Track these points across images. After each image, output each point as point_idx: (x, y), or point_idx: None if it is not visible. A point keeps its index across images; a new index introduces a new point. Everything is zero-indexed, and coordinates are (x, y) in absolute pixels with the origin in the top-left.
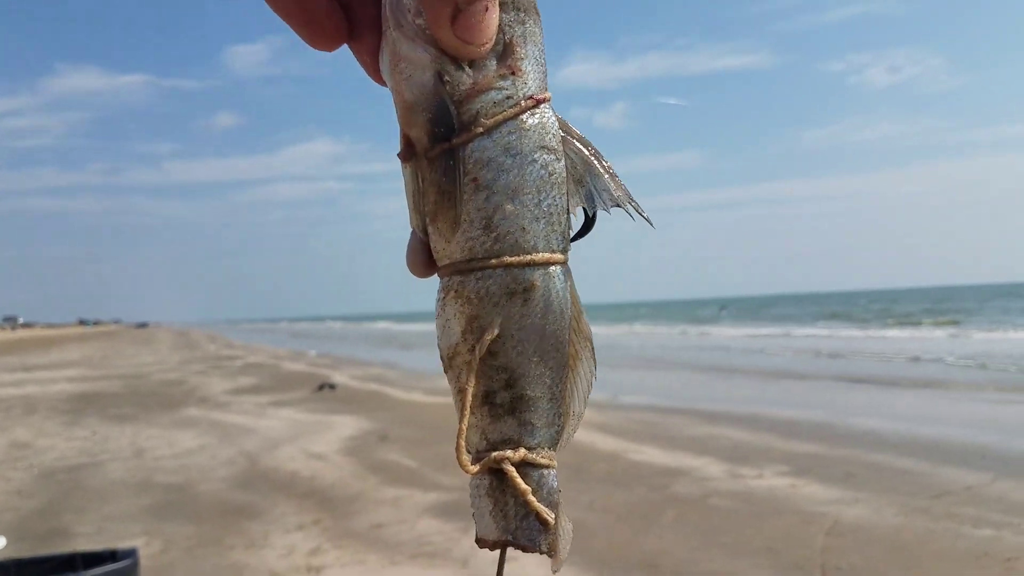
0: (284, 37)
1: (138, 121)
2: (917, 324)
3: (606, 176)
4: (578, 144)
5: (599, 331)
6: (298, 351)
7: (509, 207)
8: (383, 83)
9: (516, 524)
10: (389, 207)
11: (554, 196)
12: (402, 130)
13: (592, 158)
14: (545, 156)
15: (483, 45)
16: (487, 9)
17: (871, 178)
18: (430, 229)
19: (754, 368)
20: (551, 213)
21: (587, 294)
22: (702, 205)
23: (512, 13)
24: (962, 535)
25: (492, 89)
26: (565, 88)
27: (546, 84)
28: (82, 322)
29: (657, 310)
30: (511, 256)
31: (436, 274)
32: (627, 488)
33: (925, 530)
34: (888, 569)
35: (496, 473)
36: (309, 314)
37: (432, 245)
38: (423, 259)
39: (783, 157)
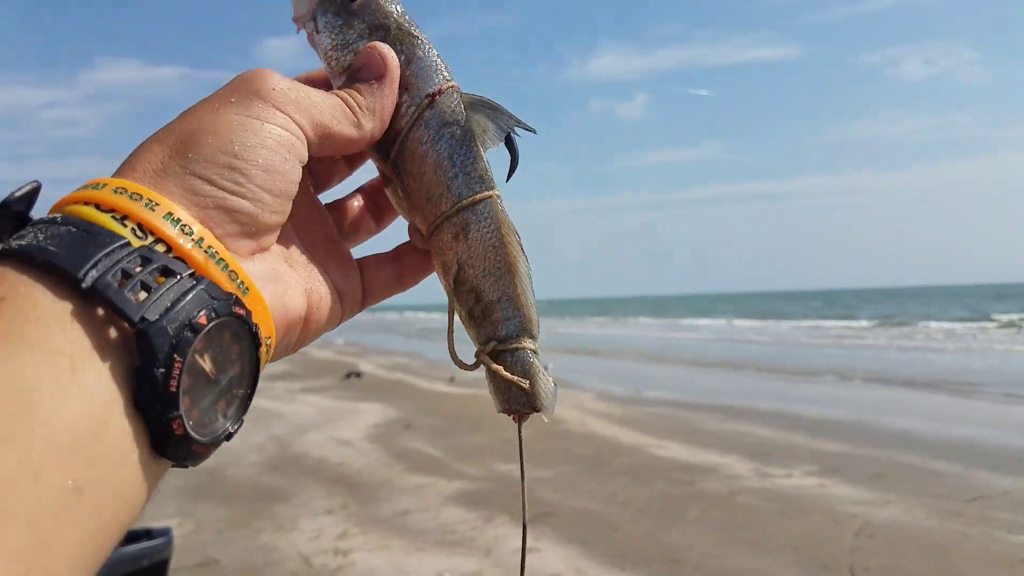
0: None
1: (174, 113)
2: (956, 322)
3: (500, 112)
4: (479, 104)
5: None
6: (326, 339)
7: (434, 178)
8: None
9: (507, 396)
10: None
11: (463, 153)
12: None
13: (489, 107)
14: (448, 129)
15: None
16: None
17: (902, 175)
18: (414, 220)
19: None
20: (465, 166)
21: (598, 289)
22: (723, 198)
23: (396, 46)
24: (997, 540)
25: (398, 107)
26: (590, 81)
27: (446, 74)
28: None
29: (659, 305)
30: (447, 210)
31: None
32: (649, 483)
33: (958, 534)
34: (919, 572)
35: (486, 365)
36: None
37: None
38: (416, 237)
39: (809, 152)
